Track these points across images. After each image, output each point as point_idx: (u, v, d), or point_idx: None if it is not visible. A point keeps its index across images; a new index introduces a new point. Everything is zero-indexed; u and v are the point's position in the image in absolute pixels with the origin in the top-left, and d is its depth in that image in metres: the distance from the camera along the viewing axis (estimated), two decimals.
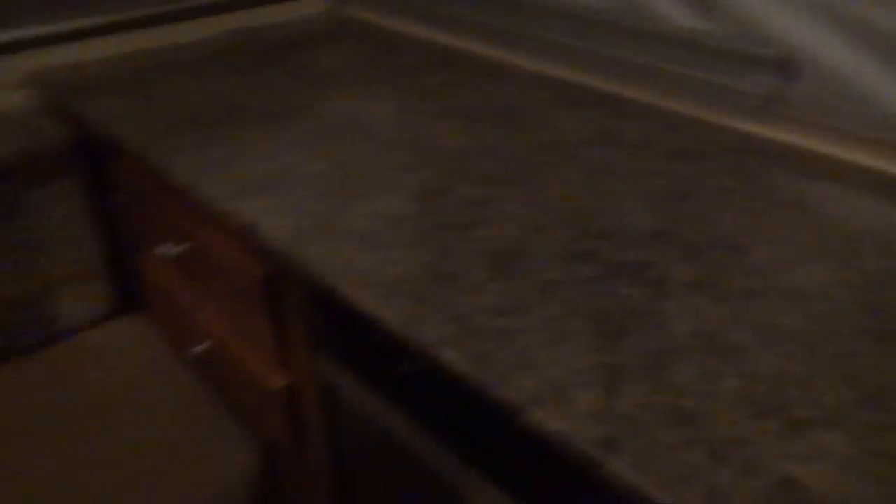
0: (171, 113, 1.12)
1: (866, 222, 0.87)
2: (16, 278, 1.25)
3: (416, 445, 0.82)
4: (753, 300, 0.73)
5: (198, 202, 0.93)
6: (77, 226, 1.28)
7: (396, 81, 1.26)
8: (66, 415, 1.19)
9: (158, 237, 1.12)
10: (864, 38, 0.92)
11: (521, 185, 0.93)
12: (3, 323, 1.26)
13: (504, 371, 0.64)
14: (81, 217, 1.28)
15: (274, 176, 0.95)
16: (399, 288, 0.74)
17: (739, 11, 1.03)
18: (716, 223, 0.86)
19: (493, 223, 0.85)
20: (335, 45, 1.44)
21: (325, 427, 0.98)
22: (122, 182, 1.19)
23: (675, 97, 1.14)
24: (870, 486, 0.53)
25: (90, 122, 1.12)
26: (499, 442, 0.71)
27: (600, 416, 0.59)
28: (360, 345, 0.84)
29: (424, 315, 0.70)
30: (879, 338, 0.68)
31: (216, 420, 1.20)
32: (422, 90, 1.22)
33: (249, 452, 1.16)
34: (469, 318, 0.70)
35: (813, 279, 0.76)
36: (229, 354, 1.08)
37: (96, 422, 1.18)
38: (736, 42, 1.03)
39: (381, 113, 1.14)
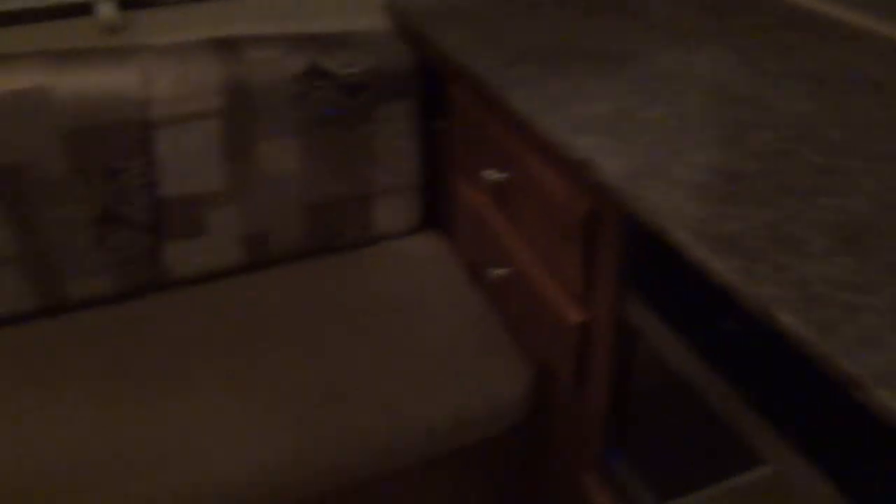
0: (511, 47, 1.18)
1: None
2: (348, 181, 1.40)
3: (713, 401, 0.82)
4: None
5: (533, 133, 0.98)
6: (405, 143, 1.40)
7: (737, 37, 1.21)
8: (364, 311, 1.34)
9: (481, 162, 1.20)
10: None
11: (875, 160, 0.86)
12: (329, 219, 1.43)
13: (847, 344, 0.61)
14: (410, 136, 1.40)
15: (609, 117, 0.97)
16: (735, 243, 0.73)
17: None
18: None
19: (841, 194, 0.80)
20: None
21: (613, 367, 1.00)
22: (455, 107, 1.28)
23: None
24: None
25: (437, 49, 1.21)
26: (813, 416, 0.68)
27: None
28: (671, 293, 0.84)
29: (762, 273, 0.69)
30: None
31: (497, 340, 1.28)
32: (765, 49, 1.16)
33: (525, 377, 1.23)
34: (811, 286, 0.68)
35: None
36: (529, 283, 1.14)
37: (388, 322, 1.31)
38: None
39: (721, 67, 1.10)
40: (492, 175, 1.14)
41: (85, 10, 1.30)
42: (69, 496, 1.03)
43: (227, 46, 1.27)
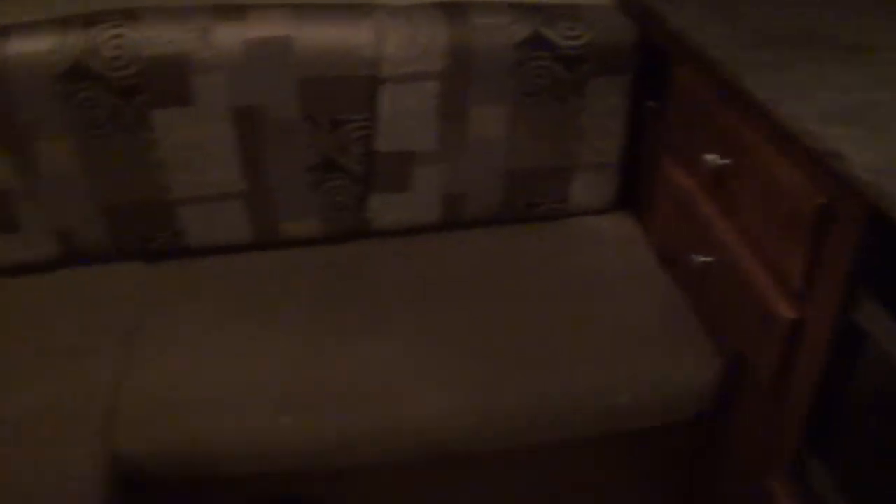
0: (748, 29, 1.14)
1: None
2: (551, 153, 1.42)
3: None
4: None
5: (772, 121, 0.95)
6: (613, 121, 1.40)
7: None
8: (552, 282, 1.35)
9: (701, 146, 1.17)
10: None
11: None
12: (527, 188, 1.45)
13: None
14: (619, 113, 1.39)
15: (859, 108, 0.92)
16: None
17: None
18: None
19: None
20: None
21: (823, 368, 0.96)
22: (676, 88, 1.25)
23: None
24: None
25: (665, 26, 1.20)
26: None
27: None
28: None
29: None
30: None
31: (685, 326, 1.26)
32: None
33: (713, 367, 1.20)
34: None
35: None
36: (735, 273, 1.11)
37: (574, 295, 1.32)
38: None
39: None
40: (713, 160, 1.11)
41: None
42: (268, 422, 1.12)
43: (455, 10, 1.31)
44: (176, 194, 1.34)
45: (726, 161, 1.10)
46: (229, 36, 1.24)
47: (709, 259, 1.17)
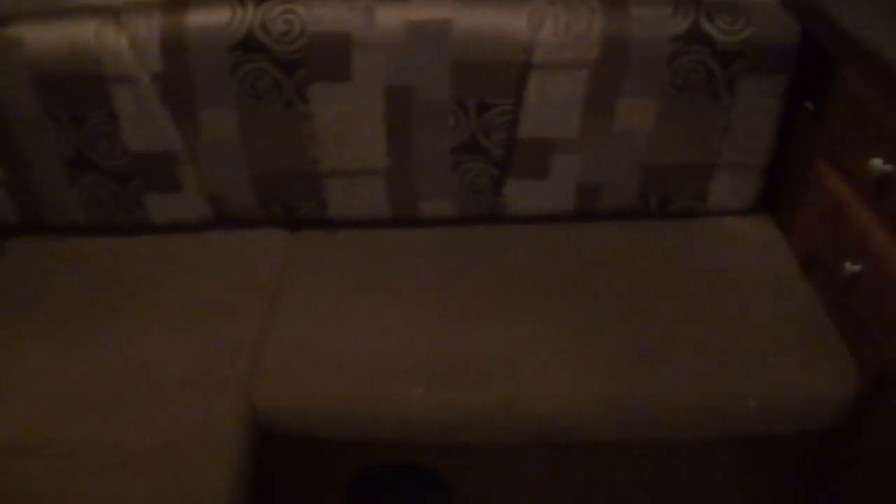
0: None
1: None
2: (694, 149, 1.39)
3: None
4: None
5: None
6: (764, 120, 1.36)
7: None
8: (685, 281, 1.33)
9: (866, 152, 1.13)
10: None
11: None
12: (665, 184, 1.44)
13: None
14: (771, 113, 1.35)
15: None
16: None
17: None
18: None
19: None
20: None
21: None
22: (840, 91, 1.21)
23: None
24: None
25: (834, 25, 1.15)
26: None
27: None
28: None
29: None
30: None
31: (824, 334, 1.22)
32: None
33: (852, 380, 1.15)
34: None
35: None
36: (892, 285, 1.07)
37: (708, 296, 1.30)
38: None
39: None
40: (878, 167, 1.07)
41: None
42: (401, 391, 1.16)
43: (614, 0, 1.30)
44: (324, 167, 1.40)
45: (889, 167, 1.06)
46: (392, 17, 1.27)
47: (858, 268, 1.14)
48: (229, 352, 1.23)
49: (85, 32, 1.28)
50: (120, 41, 1.28)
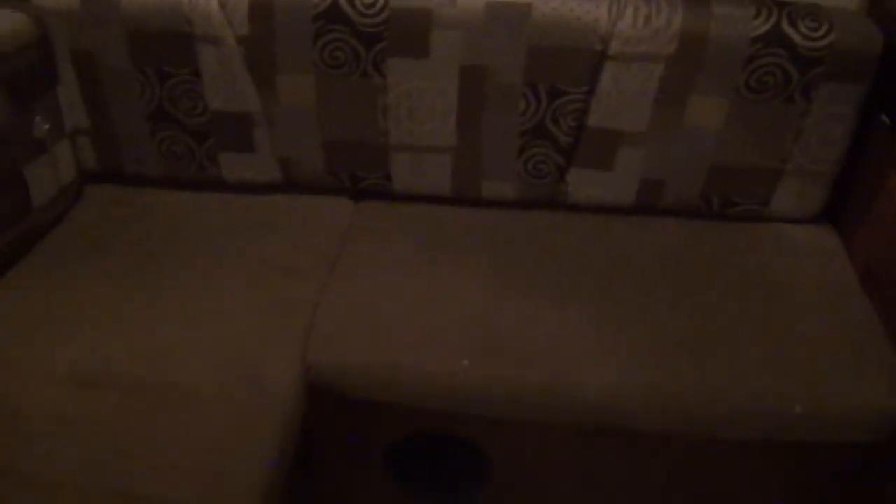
0: None
1: None
2: (763, 152, 1.39)
3: None
4: None
5: None
6: (837, 129, 1.35)
7: None
8: (739, 283, 1.33)
9: None
10: None
11: None
12: (730, 185, 1.43)
13: None
14: (845, 123, 1.34)
15: None
16: None
17: None
18: None
19: None
20: None
21: None
22: None
23: None
24: None
25: None
26: None
27: None
28: None
29: None
30: None
31: (878, 348, 1.21)
32: None
33: None
34: None
35: None
36: None
37: (762, 300, 1.30)
38: None
39: None
40: None
41: None
42: (449, 361, 1.19)
43: None
44: (393, 140, 1.43)
45: None
46: None
47: None
48: (287, 309, 1.27)
49: None
50: (211, 3, 1.34)
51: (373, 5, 1.30)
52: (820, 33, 1.26)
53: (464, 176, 1.47)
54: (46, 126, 1.38)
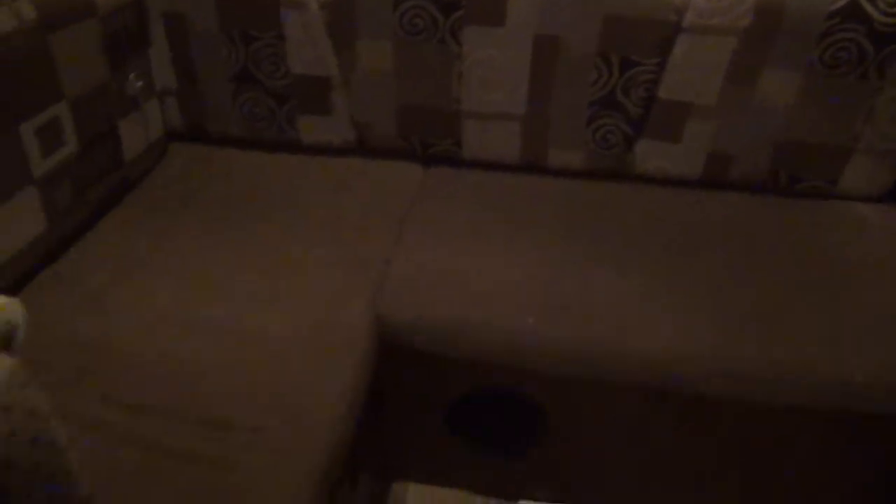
0: None
1: None
2: (834, 129, 1.39)
3: None
4: None
5: None
6: None
7: None
8: (805, 257, 1.34)
9: None
10: None
11: None
12: (800, 161, 1.44)
13: None
14: None
15: None
16: None
17: None
18: None
19: None
20: None
21: None
22: None
23: None
24: None
25: None
26: None
27: None
28: None
29: None
30: None
31: None
32: None
33: None
34: None
35: None
36: None
37: (827, 274, 1.31)
38: None
39: None
40: None
41: None
42: (514, 318, 1.24)
43: None
44: (465, 106, 1.48)
45: None
46: None
47: None
48: (361, 264, 1.33)
49: None
50: None
51: None
52: None
53: (532, 144, 1.51)
54: (139, 84, 1.46)
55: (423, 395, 1.39)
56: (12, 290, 1.21)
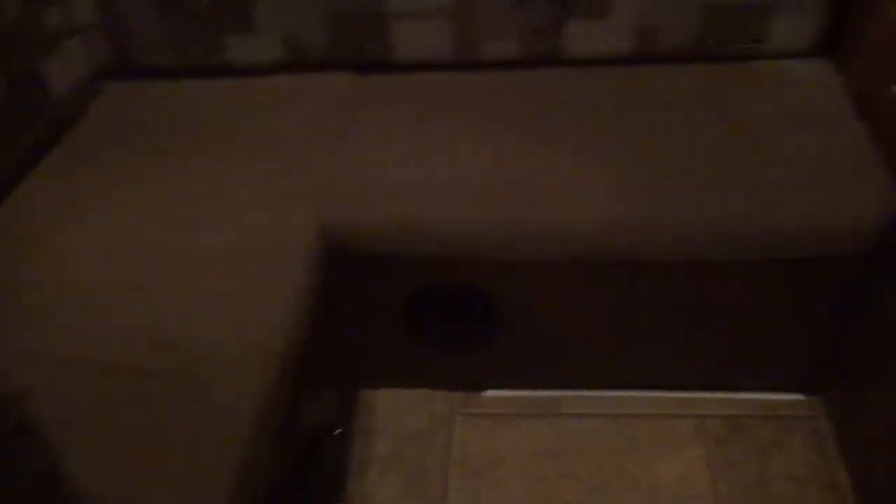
0: None
1: None
2: None
3: None
4: None
5: None
6: None
7: None
8: (734, 117, 1.36)
9: None
10: None
11: None
12: (724, 24, 1.44)
13: None
14: None
15: None
16: None
17: None
18: None
19: None
20: None
21: None
22: None
23: None
24: None
25: None
26: None
27: None
28: None
29: None
30: None
31: (868, 165, 1.24)
32: None
33: (891, 203, 1.18)
34: None
35: None
36: None
37: (755, 130, 1.34)
38: None
39: None
40: None
41: None
42: (456, 210, 1.26)
43: None
44: (392, 7, 1.46)
45: None
46: None
47: None
48: (302, 174, 1.34)
49: None
50: None
51: None
52: None
53: (462, 38, 1.50)
54: (57, 19, 1.43)
55: (376, 297, 1.42)
56: None
